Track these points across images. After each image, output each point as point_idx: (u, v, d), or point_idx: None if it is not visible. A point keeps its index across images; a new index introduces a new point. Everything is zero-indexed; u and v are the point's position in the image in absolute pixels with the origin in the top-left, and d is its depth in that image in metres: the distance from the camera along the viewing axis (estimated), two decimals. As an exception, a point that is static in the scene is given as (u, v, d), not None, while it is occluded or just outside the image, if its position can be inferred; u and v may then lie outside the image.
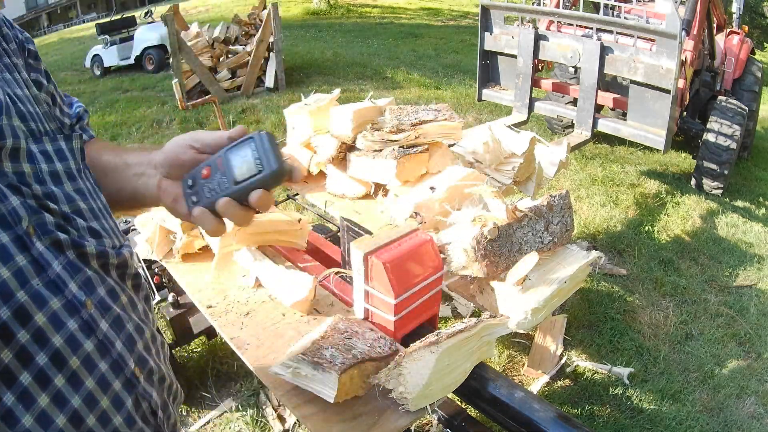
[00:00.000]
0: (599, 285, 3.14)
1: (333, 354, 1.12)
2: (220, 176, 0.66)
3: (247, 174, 0.64)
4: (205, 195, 0.67)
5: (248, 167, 0.64)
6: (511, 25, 3.74)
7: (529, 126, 3.78)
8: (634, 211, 4.06)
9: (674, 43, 2.85)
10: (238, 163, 0.65)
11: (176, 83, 2.56)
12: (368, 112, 1.87)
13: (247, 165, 0.64)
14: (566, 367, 2.53)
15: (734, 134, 4.23)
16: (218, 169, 0.66)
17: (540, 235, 1.46)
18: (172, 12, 6.07)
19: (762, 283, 3.31)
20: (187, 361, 2.51)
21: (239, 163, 0.65)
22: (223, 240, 1.58)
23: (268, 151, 0.64)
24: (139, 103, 6.58)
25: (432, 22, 12.74)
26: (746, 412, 2.39)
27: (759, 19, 12.08)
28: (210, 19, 11.00)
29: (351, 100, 3.68)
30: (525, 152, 1.90)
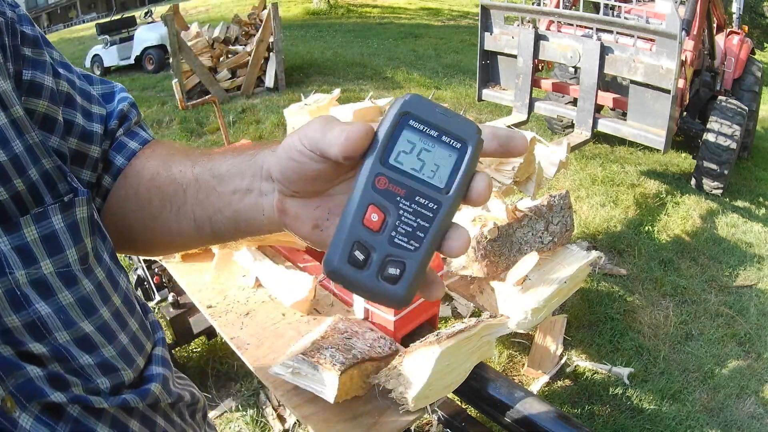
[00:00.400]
0: (599, 285, 3.14)
1: (333, 354, 1.12)
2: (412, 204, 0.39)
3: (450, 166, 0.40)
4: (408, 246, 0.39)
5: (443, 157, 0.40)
6: (511, 25, 3.74)
7: (529, 126, 3.79)
8: (634, 211, 4.06)
9: (674, 43, 2.85)
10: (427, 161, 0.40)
11: (176, 83, 2.56)
12: (368, 112, 1.87)
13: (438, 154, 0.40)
14: (566, 367, 2.53)
15: (734, 134, 4.23)
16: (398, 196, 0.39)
17: (540, 235, 1.46)
18: (172, 12, 6.07)
19: (762, 283, 3.31)
20: (187, 361, 2.51)
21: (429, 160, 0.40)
22: (223, 240, 1.58)
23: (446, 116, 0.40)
24: (139, 103, 6.52)
25: (432, 22, 12.73)
26: (746, 412, 2.39)
27: (759, 19, 12.08)
28: (210, 19, 11.00)
29: (351, 100, 3.69)
30: (525, 152, 1.90)
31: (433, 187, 0.40)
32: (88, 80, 0.59)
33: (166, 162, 0.55)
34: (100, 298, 0.48)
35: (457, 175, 0.40)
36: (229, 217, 0.50)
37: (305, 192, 0.44)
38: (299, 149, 0.41)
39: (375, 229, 0.39)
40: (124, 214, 0.56)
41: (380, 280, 0.39)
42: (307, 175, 0.42)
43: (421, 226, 0.39)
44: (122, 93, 0.62)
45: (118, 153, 0.57)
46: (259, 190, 0.48)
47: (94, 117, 0.56)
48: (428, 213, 0.40)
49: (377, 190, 0.39)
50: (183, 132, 5.43)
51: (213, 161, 0.52)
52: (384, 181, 0.39)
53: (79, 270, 0.46)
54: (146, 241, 0.58)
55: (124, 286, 0.53)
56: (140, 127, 0.61)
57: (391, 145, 0.40)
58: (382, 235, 0.39)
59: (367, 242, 0.39)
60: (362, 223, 0.39)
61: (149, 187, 0.54)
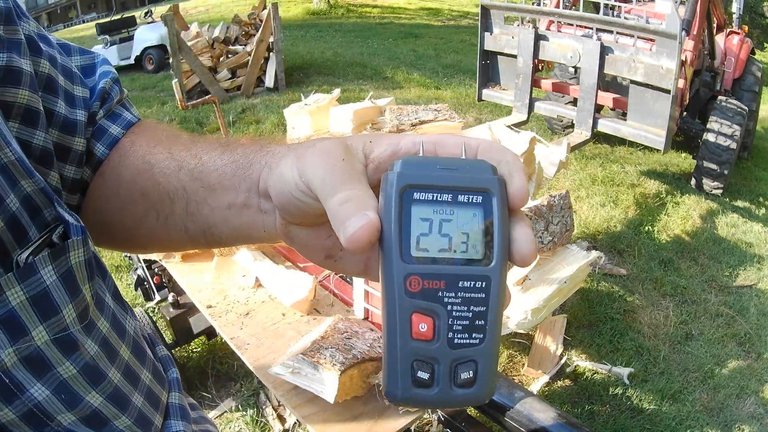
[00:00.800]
0: (599, 285, 3.14)
1: (333, 354, 1.12)
2: (457, 293, 0.33)
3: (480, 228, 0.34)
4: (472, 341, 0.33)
5: (465, 219, 0.34)
6: (511, 25, 3.74)
7: (529, 126, 3.78)
8: (634, 211, 4.06)
9: (674, 43, 2.85)
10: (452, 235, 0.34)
11: (176, 83, 2.56)
12: (368, 112, 1.87)
13: (460, 220, 0.34)
14: (566, 367, 2.53)
15: (734, 134, 4.23)
16: (437, 291, 0.33)
17: (540, 235, 1.46)
18: (172, 12, 6.07)
19: (762, 283, 3.31)
20: (187, 361, 2.51)
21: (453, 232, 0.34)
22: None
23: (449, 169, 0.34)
24: (139, 103, 6.57)
25: (432, 22, 12.73)
26: (746, 412, 2.39)
27: (759, 19, 12.07)
28: (210, 19, 11.00)
29: (351, 100, 3.69)
30: (525, 152, 1.90)
31: (472, 262, 0.33)
32: (66, 50, 0.51)
33: (147, 159, 0.48)
34: (107, 357, 0.41)
35: (493, 235, 0.34)
36: (226, 232, 0.45)
37: (312, 223, 0.39)
38: (302, 189, 0.36)
39: (428, 339, 0.33)
40: (104, 213, 0.50)
41: (455, 389, 0.33)
42: (310, 213, 0.38)
43: (478, 313, 0.33)
44: (104, 66, 0.53)
45: (98, 141, 0.50)
46: (258, 207, 0.43)
47: (77, 102, 0.48)
48: (480, 294, 0.33)
49: (413, 294, 0.33)
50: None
51: (201, 164, 0.45)
52: (417, 281, 0.33)
53: (80, 330, 0.38)
54: (129, 241, 0.53)
55: (132, 329, 0.46)
56: (123, 106, 0.54)
57: (406, 235, 0.33)
58: (439, 341, 0.33)
59: (426, 357, 0.33)
60: (411, 338, 0.33)
61: (131, 190, 0.47)
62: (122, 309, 0.46)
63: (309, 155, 0.36)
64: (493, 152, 0.36)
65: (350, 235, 0.32)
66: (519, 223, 0.34)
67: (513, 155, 0.36)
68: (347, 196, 0.33)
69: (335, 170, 0.35)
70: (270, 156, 0.42)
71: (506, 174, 0.34)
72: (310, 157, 0.36)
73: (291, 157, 0.38)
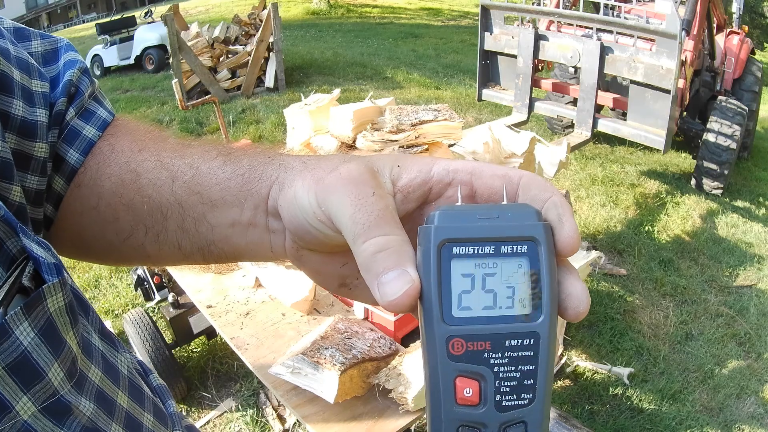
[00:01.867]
0: (599, 285, 3.14)
1: (333, 354, 1.12)
2: (505, 354, 0.31)
3: (527, 281, 0.31)
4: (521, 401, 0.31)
5: (510, 272, 0.31)
6: (511, 25, 3.74)
7: (529, 126, 3.78)
8: (634, 211, 4.07)
9: (674, 43, 2.85)
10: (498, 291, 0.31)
11: (176, 83, 2.56)
12: (368, 112, 1.87)
13: (504, 274, 0.31)
14: (566, 367, 2.53)
15: (734, 134, 4.23)
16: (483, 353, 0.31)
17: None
18: (172, 12, 6.07)
19: (762, 283, 3.31)
20: (187, 361, 2.51)
21: (498, 288, 0.31)
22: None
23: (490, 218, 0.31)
24: (139, 103, 6.58)
25: (432, 22, 12.74)
26: (746, 412, 2.39)
27: (759, 19, 12.07)
28: (210, 19, 11.00)
29: (351, 100, 3.69)
30: (525, 152, 1.90)
31: (519, 319, 0.31)
32: (22, 36, 0.44)
33: (132, 168, 0.41)
34: (106, 413, 0.35)
35: (541, 289, 0.31)
36: (227, 250, 0.41)
37: (327, 251, 0.36)
38: (321, 219, 0.33)
39: (474, 404, 0.31)
40: (82, 228, 0.43)
41: None
42: (328, 243, 0.34)
43: (527, 372, 0.31)
44: (69, 53, 0.45)
45: (70, 146, 0.42)
46: (266, 226, 0.38)
47: (36, 98, 0.40)
48: (528, 353, 0.31)
49: (456, 357, 0.30)
50: (183, 132, 5.43)
51: (199, 175, 0.40)
52: (460, 344, 0.30)
53: (70, 390, 0.32)
54: (110, 256, 0.46)
55: (125, 368, 0.41)
56: (95, 100, 0.46)
57: (446, 293, 0.31)
58: (486, 405, 0.31)
59: (473, 422, 0.31)
60: (456, 403, 0.31)
61: (114, 204, 0.41)
62: (111, 346, 0.40)
63: (331, 182, 0.32)
64: (537, 189, 0.32)
65: (390, 299, 0.29)
66: (570, 275, 0.31)
67: (559, 195, 0.32)
68: (382, 244, 0.30)
69: (365, 207, 0.31)
70: (282, 170, 0.37)
71: (554, 219, 0.31)
72: (334, 186, 0.32)
73: (308, 179, 0.34)
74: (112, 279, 3.18)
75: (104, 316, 2.87)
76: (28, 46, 0.43)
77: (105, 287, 3.12)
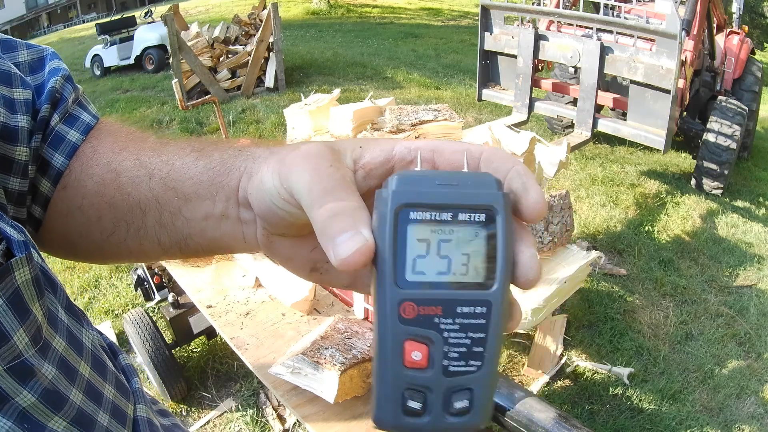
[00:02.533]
0: (599, 285, 3.14)
1: (333, 354, 1.12)
2: (455, 320, 0.31)
3: (482, 249, 0.31)
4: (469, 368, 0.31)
5: (466, 239, 0.31)
6: (511, 25, 3.74)
7: (529, 126, 3.78)
8: (634, 211, 4.07)
9: (674, 43, 2.85)
10: (453, 257, 0.31)
11: (176, 83, 2.55)
12: (368, 112, 1.87)
13: (460, 240, 0.31)
14: (566, 367, 2.53)
15: (734, 134, 4.23)
16: (433, 318, 0.31)
17: (540, 235, 1.46)
18: (172, 12, 6.07)
19: (762, 283, 3.31)
20: (187, 361, 2.51)
21: (453, 255, 0.31)
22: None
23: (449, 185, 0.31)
24: (139, 103, 6.58)
25: (432, 22, 12.74)
26: (746, 412, 2.39)
27: (759, 19, 12.07)
28: (210, 19, 11.00)
29: (351, 100, 3.69)
30: (525, 152, 1.90)
31: (472, 286, 0.31)
32: (9, 47, 0.46)
33: (113, 167, 0.44)
34: (67, 378, 0.38)
35: (497, 258, 0.31)
36: (203, 243, 0.43)
37: (296, 234, 0.38)
38: (284, 198, 0.34)
39: (422, 367, 0.31)
40: (69, 228, 0.46)
41: (448, 417, 0.31)
42: (295, 224, 0.36)
43: (477, 340, 0.31)
44: (54, 61, 0.47)
45: (55, 150, 0.45)
46: (237, 217, 0.40)
47: (18, 105, 0.42)
48: (479, 320, 0.31)
49: (407, 321, 0.31)
50: (183, 132, 5.44)
51: (174, 171, 0.42)
52: (411, 307, 0.31)
53: (34, 355, 0.35)
54: (95, 254, 0.48)
55: (89, 342, 0.44)
56: (80, 105, 0.48)
57: (401, 257, 0.31)
58: (434, 369, 0.31)
59: (419, 385, 0.31)
60: (404, 366, 0.31)
61: (96, 204, 0.44)
62: (77, 321, 0.43)
63: (291, 159, 0.34)
64: (499, 161, 0.33)
65: (343, 257, 0.29)
66: (525, 244, 0.32)
67: (522, 165, 0.33)
68: (337, 208, 0.30)
69: (322, 177, 0.32)
70: (249, 161, 0.39)
71: (519, 187, 0.32)
72: (293, 162, 0.33)
73: (272, 162, 0.36)
74: (112, 279, 3.18)
75: (104, 316, 2.88)
76: (15, 56, 0.45)
77: (105, 287, 3.12)
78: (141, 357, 2.26)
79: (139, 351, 2.25)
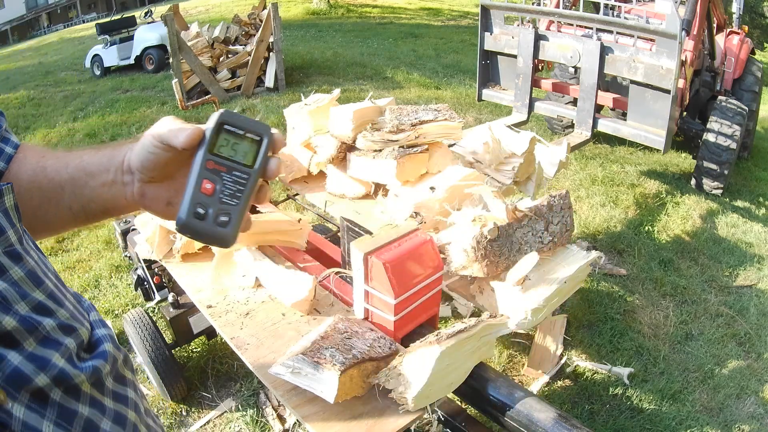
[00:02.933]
0: (599, 285, 3.14)
1: (333, 354, 1.12)
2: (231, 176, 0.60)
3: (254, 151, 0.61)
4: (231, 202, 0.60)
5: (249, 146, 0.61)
6: (511, 25, 3.74)
7: (529, 126, 3.78)
8: (634, 211, 4.07)
9: (674, 43, 2.85)
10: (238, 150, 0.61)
11: (176, 83, 2.56)
12: (368, 112, 1.87)
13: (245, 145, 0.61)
14: (566, 367, 2.53)
15: (734, 134, 4.23)
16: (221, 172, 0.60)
17: (540, 235, 1.46)
18: (172, 12, 6.07)
19: (762, 283, 3.31)
20: (187, 361, 2.51)
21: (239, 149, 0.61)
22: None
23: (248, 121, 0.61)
24: (139, 103, 6.58)
25: (432, 22, 12.74)
26: (746, 412, 2.39)
27: (759, 19, 12.08)
28: (210, 19, 11.01)
29: (351, 100, 3.69)
30: (525, 152, 1.90)
31: (243, 164, 0.61)
32: None
33: (39, 164, 0.65)
34: (41, 272, 0.57)
35: (259, 156, 0.62)
36: (100, 204, 0.65)
37: (159, 177, 0.63)
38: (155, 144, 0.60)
39: (209, 194, 0.60)
40: None
41: (216, 226, 0.60)
42: (160, 162, 0.61)
43: (239, 189, 0.61)
44: None
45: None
46: (122, 182, 0.63)
47: None
48: (242, 180, 0.61)
49: (208, 169, 0.60)
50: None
51: (83, 160, 0.65)
52: (212, 164, 0.60)
53: (21, 248, 0.55)
54: (34, 229, 0.65)
55: (51, 269, 0.63)
56: (9, 132, 0.66)
57: (214, 141, 0.61)
58: (214, 197, 0.60)
59: (205, 203, 0.60)
60: (200, 191, 0.60)
61: (30, 188, 0.63)
62: (41, 254, 0.62)
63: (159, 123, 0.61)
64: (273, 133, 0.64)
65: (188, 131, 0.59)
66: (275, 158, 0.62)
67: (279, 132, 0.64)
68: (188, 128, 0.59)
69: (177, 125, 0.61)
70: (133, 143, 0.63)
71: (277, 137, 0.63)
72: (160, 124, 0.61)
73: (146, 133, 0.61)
74: (112, 279, 3.18)
75: (104, 316, 2.87)
76: None
77: (105, 287, 3.12)
78: (141, 357, 2.26)
79: (139, 351, 2.24)
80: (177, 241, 1.72)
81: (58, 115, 6.52)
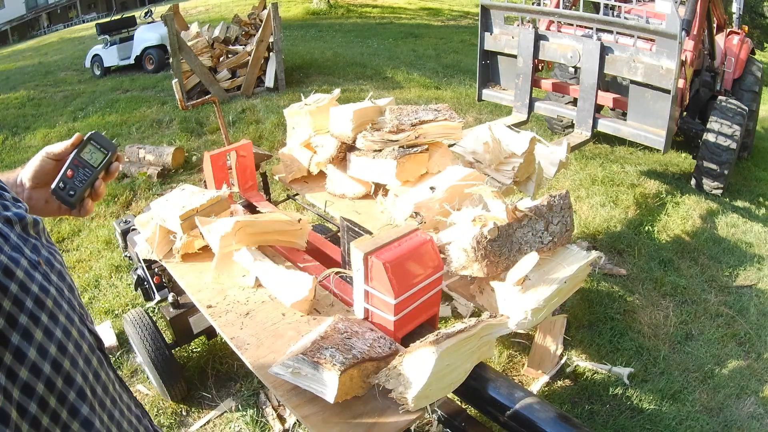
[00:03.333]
0: (599, 285, 3.14)
1: (333, 354, 1.12)
2: (84, 171, 0.96)
3: (101, 159, 0.97)
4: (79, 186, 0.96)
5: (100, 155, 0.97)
6: (511, 25, 3.74)
7: (529, 126, 3.78)
8: (634, 211, 4.07)
9: (674, 43, 2.85)
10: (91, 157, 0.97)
11: (176, 83, 2.55)
12: (368, 112, 1.87)
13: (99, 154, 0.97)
14: (566, 367, 2.53)
15: (734, 134, 4.23)
16: (78, 167, 0.96)
17: (540, 235, 1.46)
18: (172, 12, 6.07)
19: (762, 283, 3.31)
20: (187, 361, 2.51)
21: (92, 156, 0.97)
22: (223, 240, 1.59)
23: (105, 140, 0.97)
24: (139, 103, 6.58)
25: (432, 22, 12.74)
26: (746, 412, 2.39)
27: (759, 19, 12.08)
28: (210, 19, 11.01)
29: (351, 100, 3.69)
30: (525, 152, 1.90)
31: (92, 165, 0.96)
32: None
33: None
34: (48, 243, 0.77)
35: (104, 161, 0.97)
36: None
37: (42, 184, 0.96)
38: (42, 156, 0.96)
39: (69, 177, 0.94)
40: None
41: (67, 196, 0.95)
42: (44, 170, 0.95)
43: (85, 178, 0.96)
44: None
45: None
46: (16, 193, 0.90)
47: None
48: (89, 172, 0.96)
49: (73, 164, 0.95)
50: (183, 132, 5.43)
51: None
52: (76, 161, 0.95)
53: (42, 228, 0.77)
54: None
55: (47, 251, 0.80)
56: None
57: (82, 148, 0.96)
58: (72, 180, 0.95)
59: (65, 182, 0.94)
60: (65, 175, 0.94)
61: None
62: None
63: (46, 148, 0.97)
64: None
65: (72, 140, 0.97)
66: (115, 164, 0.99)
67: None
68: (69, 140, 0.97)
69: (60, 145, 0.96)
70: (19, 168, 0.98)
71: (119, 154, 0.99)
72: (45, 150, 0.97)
73: (39, 154, 0.97)
74: (112, 279, 3.18)
75: (104, 316, 2.88)
76: None
77: (105, 287, 3.12)
78: (141, 357, 2.26)
79: (139, 351, 2.24)
80: (177, 241, 1.72)
81: (58, 115, 6.52)
